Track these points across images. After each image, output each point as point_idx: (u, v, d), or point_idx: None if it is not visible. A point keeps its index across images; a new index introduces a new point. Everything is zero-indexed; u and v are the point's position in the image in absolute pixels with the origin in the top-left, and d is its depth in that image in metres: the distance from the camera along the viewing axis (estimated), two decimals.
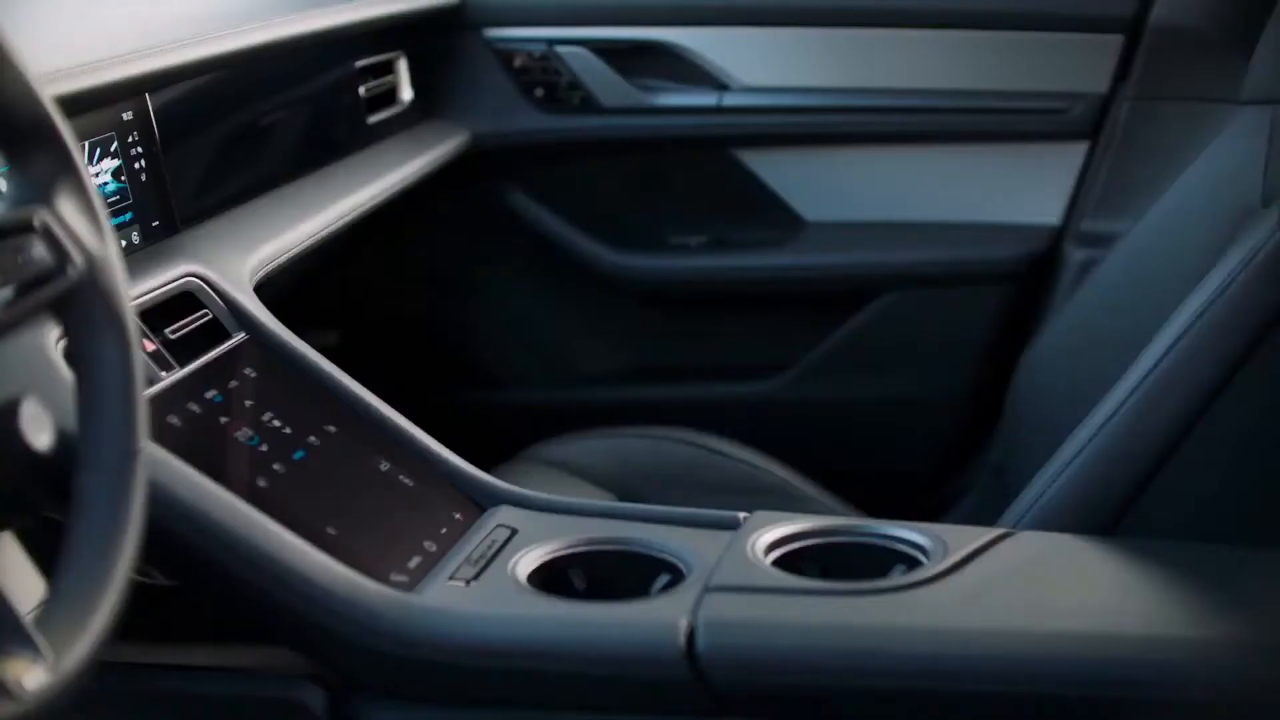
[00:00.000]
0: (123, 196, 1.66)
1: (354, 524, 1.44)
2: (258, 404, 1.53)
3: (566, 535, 1.47)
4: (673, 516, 1.51)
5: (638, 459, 2.24)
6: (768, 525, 1.46)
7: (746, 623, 1.31)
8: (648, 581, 1.42)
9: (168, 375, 1.49)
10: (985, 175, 2.56)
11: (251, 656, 1.48)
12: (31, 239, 1.05)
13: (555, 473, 2.19)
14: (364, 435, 1.57)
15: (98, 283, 1.10)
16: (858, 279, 2.60)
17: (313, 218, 1.97)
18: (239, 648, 1.51)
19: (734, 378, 2.67)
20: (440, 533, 1.50)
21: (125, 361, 1.12)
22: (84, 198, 1.11)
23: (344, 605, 1.33)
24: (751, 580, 1.36)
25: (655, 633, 1.30)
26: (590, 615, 1.34)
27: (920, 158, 2.57)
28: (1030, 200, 2.53)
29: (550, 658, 1.32)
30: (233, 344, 1.60)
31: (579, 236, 2.68)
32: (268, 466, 1.46)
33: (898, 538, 1.44)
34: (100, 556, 1.07)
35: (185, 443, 1.42)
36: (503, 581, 1.40)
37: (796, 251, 2.61)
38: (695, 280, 2.67)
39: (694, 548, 1.44)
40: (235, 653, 1.51)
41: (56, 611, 1.03)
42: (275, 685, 1.41)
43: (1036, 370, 2.12)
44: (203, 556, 1.33)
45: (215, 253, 1.71)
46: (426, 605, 1.36)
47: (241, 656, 1.49)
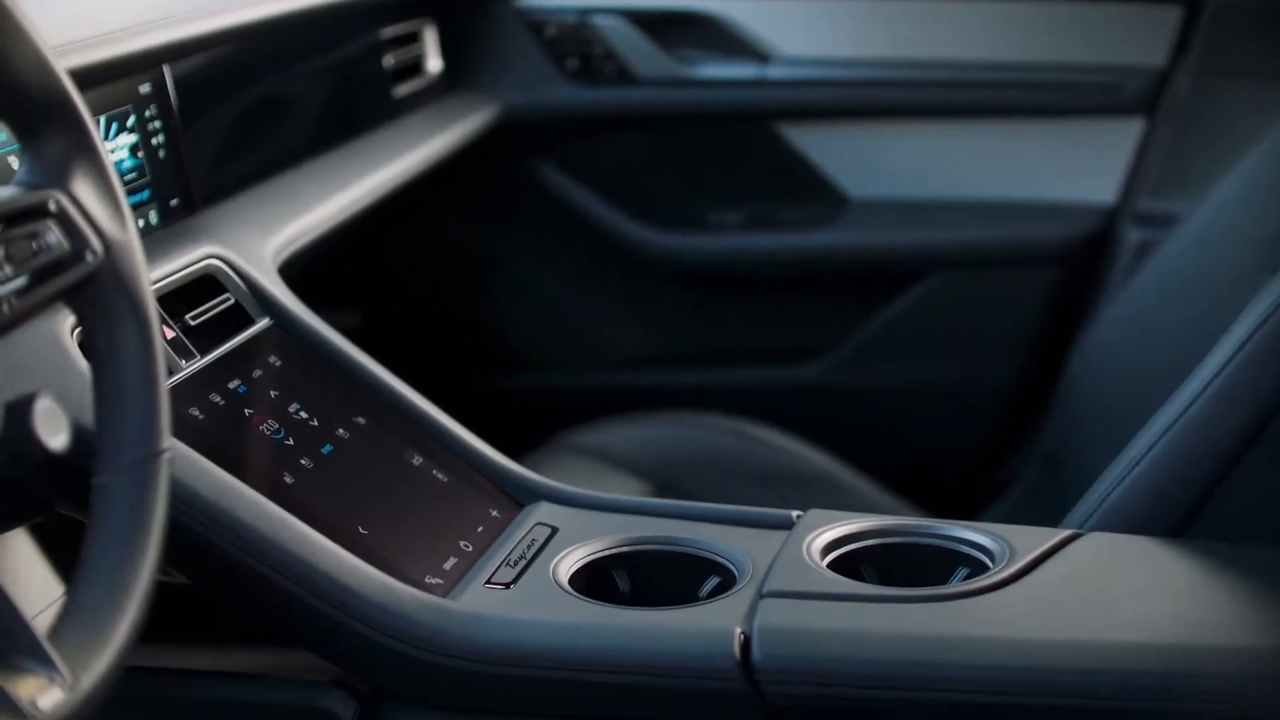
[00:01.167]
0: (139, 174, 1.61)
1: (386, 523, 1.40)
2: (283, 394, 1.48)
3: (610, 534, 1.43)
4: (722, 515, 1.46)
5: (673, 446, 2.21)
6: (823, 525, 1.42)
7: (804, 632, 1.26)
8: (696, 583, 1.39)
9: (188, 364, 1.45)
10: (1037, 152, 2.52)
11: (274, 661, 1.44)
12: (46, 224, 1.02)
13: (587, 461, 2.16)
14: (395, 427, 1.53)
15: (117, 270, 1.06)
16: (902, 260, 2.57)
17: (338, 195, 1.92)
18: (261, 652, 1.48)
19: (772, 362, 2.63)
20: (476, 532, 1.45)
21: (147, 355, 1.08)
22: (102, 179, 1.07)
23: (377, 611, 1.29)
24: (808, 585, 1.32)
25: (708, 641, 1.25)
26: (637, 622, 1.30)
27: (969, 133, 2.54)
28: (1083, 178, 2.49)
29: (595, 667, 1.27)
30: (256, 330, 1.56)
31: (613, 214, 2.64)
32: (294, 462, 1.41)
33: (961, 539, 1.39)
34: (121, 565, 1.03)
35: (207, 436, 1.37)
36: (543, 584, 1.36)
37: (839, 231, 2.58)
38: (733, 260, 2.63)
39: (745, 548, 1.39)
40: (257, 657, 1.48)
41: (74, 625, 1.00)
42: (300, 692, 1.37)
43: (1093, 358, 2.08)
44: (225, 558, 1.29)
45: (237, 233, 1.67)
46: (463, 611, 1.32)
47: (264, 661, 1.46)
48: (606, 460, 2.15)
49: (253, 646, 1.54)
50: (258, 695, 1.39)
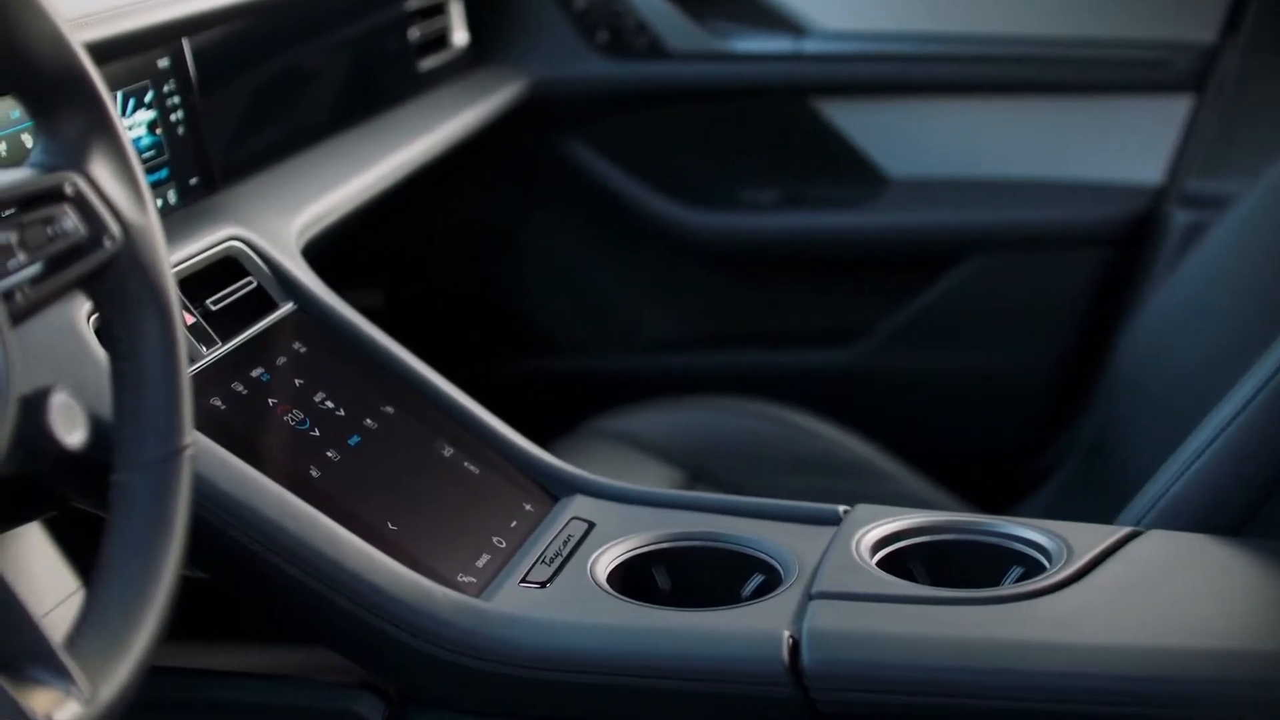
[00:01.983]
0: (158, 151, 1.58)
1: (416, 519, 1.36)
2: (308, 383, 1.44)
3: (649, 530, 1.40)
4: (765, 509, 1.42)
5: (707, 432, 2.18)
6: (872, 522, 1.38)
7: (856, 635, 1.22)
8: (738, 582, 1.35)
9: (209, 351, 1.41)
10: (1081, 130, 2.47)
11: (296, 660, 1.41)
12: (62, 208, 0.97)
13: (618, 447, 2.13)
14: (424, 417, 1.49)
15: (136, 257, 1.02)
16: (943, 241, 2.51)
17: (362, 174, 1.88)
18: (282, 650, 1.46)
19: (808, 345, 2.59)
20: (510, 527, 1.41)
21: (168, 346, 1.04)
22: (121, 160, 1.02)
23: (407, 612, 1.25)
24: (858, 585, 1.28)
25: (755, 644, 1.22)
26: (681, 624, 1.26)
27: (1011, 110, 2.49)
28: (1129, 158, 2.44)
29: (636, 672, 1.24)
30: (280, 315, 1.51)
31: (644, 192, 2.59)
32: (320, 454, 1.37)
33: (1016, 537, 1.36)
34: (141, 569, 0.99)
35: (229, 427, 1.33)
36: (581, 583, 1.32)
37: (877, 210, 2.53)
38: (768, 240, 2.58)
39: (790, 545, 1.36)
40: (278, 655, 1.47)
41: (92, 632, 0.96)
42: (326, 694, 1.34)
43: (1139, 345, 2.04)
44: (248, 555, 1.25)
45: (259, 213, 1.63)
46: (498, 612, 1.28)
47: (285, 660, 1.43)
48: (637, 447, 2.12)
49: (273, 644, 1.52)
50: (281, 697, 1.36)
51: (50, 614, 1.52)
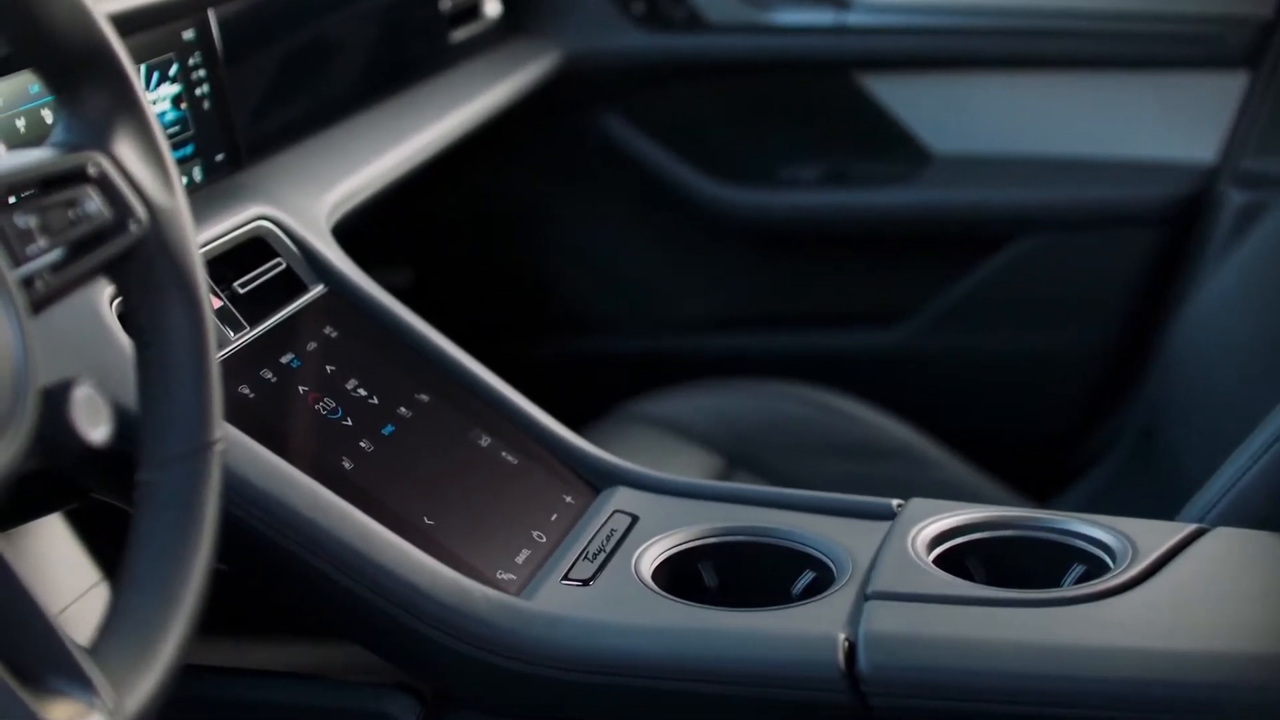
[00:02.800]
0: (182, 127, 1.54)
1: (453, 512, 1.33)
2: (340, 369, 1.41)
3: (695, 524, 1.37)
4: (816, 503, 1.39)
5: (745, 416, 2.15)
6: (928, 517, 1.35)
7: (914, 639, 1.19)
8: (788, 579, 1.32)
9: (237, 337, 1.37)
10: (1133, 106, 2.41)
11: (326, 657, 1.40)
12: (85, 189, 0.94)
13: (653, 432, 2.09)
14: (460, 404, 1.45)
15: (164, 241, 0.99)
16: (989, 220, 2.46)
17: (394, 150, 1.84)
18: (311, 647, 1.45)
19: (849, 327, 2.54)
20: (550, 520, 1.38)
21: (196, 335, 1.00)
22: (147, 138, 0.99)
23: (445, 611, 1.22)
24: (915, 585, 1.24)
25: (809, 648, 1.19)
26: (731, 625, 1.22)
27: (1061, 85, 2.44)
28: (1182, 135, 2.38)
29: (685, 675, 1.20)
30: (310, 298, 1.48)
31: (681, 168, 2.54)
32: (353, 444, 1.34)
33: (1078, 534, 1.32)
34: (168, 572, 0.96)
35: (258, 416, 1.30)
36: (625, 581, 1.29)
37: (922, 188, 2.47)
38: (808, 218, 2.53)
39: (842, 541, 1.32)
40: (307, 652, 1.45)
41: (117, 640, 0.92)
42: (358, 695, 1.31)
43: (1194, 329, 2.01)
44: (278, 552, 1.22)
45: (287, 192, 1.59)
46: (539, 611, 1.24)
47: (315, 657, 1.42)
48: (673, 432, 2.09)
49: (299, 640, 1.51)
50: (311, 697, 1.33)
51: (70, 608, 1.50)
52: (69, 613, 1.51)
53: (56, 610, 1.48)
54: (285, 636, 1.54)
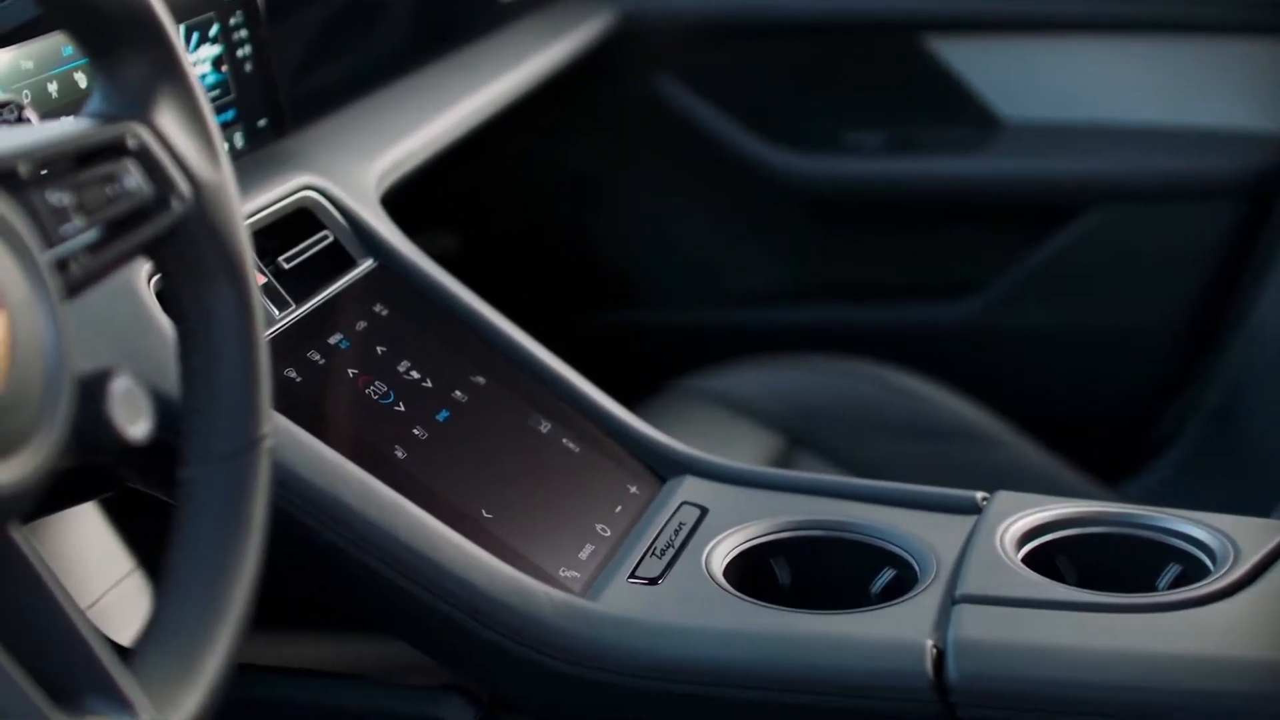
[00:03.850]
0: (223, 91, 1.49)
1: (512, 505, 1.28)
2: (391, 350, 1.35)
3: (767, 517, 1.32)
4: (895, 495, 1.35)
5: (806, 394, 2.11)
6: (1016, 512, 1.30)
7: (1007, 647, 1.14)
8: (866, 577, 1.28)
9: (282, 315, 1.32)
10: (1215, 73, 2.36)
11: (373, 656, 1.39)
12: (124, 163, 0.89)
13: (711, 410, 2.05)
14: (519, 388, 1.40)
15: (209, 219, 0.93)
16: (1061, 190, 2.42)
17: (444, 114, 1.80)
18: (357, 645, 1.43)
19: (913, 301, 2.49)
20: (614, 512, 1.33)
21: (244, 320, 0.95)
22: (190, 107, 0.94)
23: (505, 613, 1.17)
24: (1006, 588, 1.20)
25: (895, 655, 1.14)
26: (809, 629, 1.18)
27: (1139, 50, 2.38)
28: (1266, 104, 2.33)
29: (763, 684, 1.16)
30: (359, 273, 1.43)
31: (740, 133, 2.49)
32: (406, 432, 1.28)
33: (1176, 532, 1.28)
34: (214, 579, 0.91)
35: (304, 401, 1.25)
36: (696, 579, 1.24)
37: (991, 156, 2.42)
38: (872, 186, 2.48)
39: (924, 537, 1.28)
40: (353, 649, 1.44)
41: (157, 654, 0.87)
42: (409, 697, 1.27)
43: (1278, 304, 1.97)
44: (326, 547, 1.17)
45: (334, 160, 1.54)
46: (607, 614, 1.20)
47: (361, 656, 1.40)
48: (732, 409, 2.05)
49: (342, 635, 1.48)
50: (361, 699, 1.29)
51: (103, 599, 1.45)
52: (101, 604, 1.48)
53: (88, 601, 1.44)
54: (326, 631, 1.49)
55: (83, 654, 0.80)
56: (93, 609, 1.47)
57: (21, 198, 0.80)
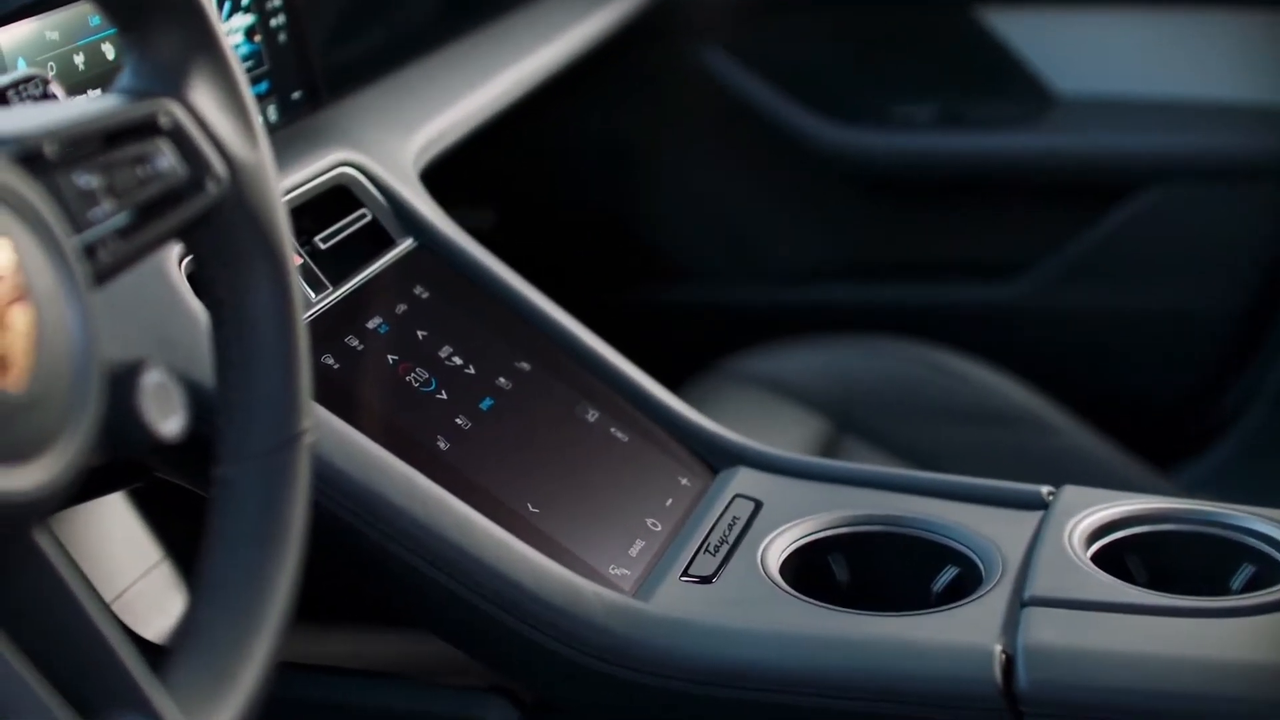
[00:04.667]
0: (257, 62, 1.47)
1: (559, 498, 1.24)
2: (432, 335, 1.31)
3: (824, 511, 1.28)
4: (956, 488, 1.31)
5: (854, 376, 2.08)
6: (1084, 508, 1.26)
7: (1079, 653, 1.10)
8: (927, 575, 1.24)
9: (319, 298, 1.28)
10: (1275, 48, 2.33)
11: (410, 652, 1.36)
12: (156, 143, 0.84)
13: (755, 392, 2.02)
14: (565, 374, 1.36)
15: (246, 202, 0.89)
16: (1117, 168, 2.37)
17: (484, 86, 1.75)
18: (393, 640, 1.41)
19: (963, 279, 2.45)
20: (665, 506, 1.29)
21: (283, 309, 0.91)
22: (227, 83, 0.89)
23: (553, 614, 1.13)
24: (1077, 590, 1.16)
25: (962, 661, 1.10)
26: (872, 632, 1.14)
27: (1199, 22, 2.34)
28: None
29: (822, 689, 1.12)
30: (398, 253, 1.38)
31: (787, 106, 2.45)
32: (448, 421, 1.24)
33: (1252, 531, 1.24)
34: (250, 584, 0.86)
35: (342, 390, 1.20)
36: (751, 577, 1.20)
37: (1044, 131, 2.39)
38: (922, 161, 2.46)
39: (989, 533, 1.24)
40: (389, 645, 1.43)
41: (191, 666, 0.82)
42: (450, 698, 1.23)
43: None
44: (365, 543, 1.13)
45: (371, 133, 1.50)
46: (660, 615, 1.15)
47: (397, 653, 1.40)
48: (776, 391, 2.02)
49: (376, 630, 1.46)
50: (400, 699, 1.25)
51: (129, 590, 1.42)
52: (128, 596, 1.43)
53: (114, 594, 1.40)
54: (357, 626, 1.47)
55: (111, 665, 0.76)
56: (119, 601, 1.44)
57: (47, 180, 0.75)
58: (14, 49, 1.16)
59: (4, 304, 0.69)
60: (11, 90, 0.97)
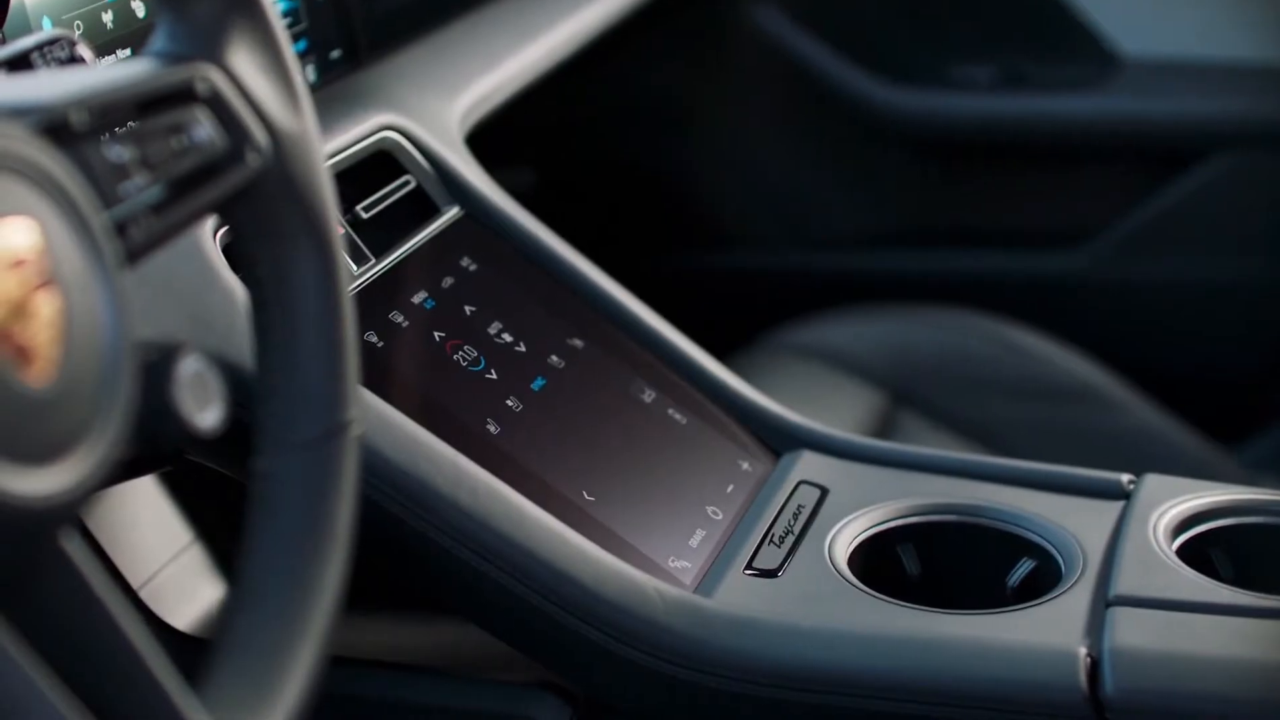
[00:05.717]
0: (294, 19, 1.42)
1: (616, 485, 1.19)
2: (480, 310, 1.25)
3: (893, 499, 1.24)
4: (1032, 475, 1.27)
5: (912, 348, 2.03)
6: (1168, 499, 1.22)
7: (1168, 657, 1.06)
8: (1003, 568, 1.20)
9: (361, 271, 1.22)
10: None
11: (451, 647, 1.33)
12: (193, 111, 0.78)
13: (807, 363, 1.98)
14: (620, 352, 1.31)
15: (289, 175, 0.83)
16: (1184, 134, 2.33)
17: (531, 44, 1.69)
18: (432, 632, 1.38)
19: (1023, 248, 2.41)
20: (725, 493, 1.24)
21: (328, 290, 0.85)
22: (269, 45, 0.84)
23: (612, 611, 1.08)
24: (1164, 588, 1.11)
25: (1045, 665, 1.05)
26: (949, 632, 1.09)
27: None
28: None
29: (898, 693, 1.07)
30: (444, 222, 1.33)
31: (840, 65, 2.41)
32: (498, 403, 1.18)
33: None
34: (295, 588, 0.81)
35: (386, 369, 1.15)
36: (818, 571, 1.16)
37: (1110, 95, 2.34)
38: (981, 124, 2.40)
39: (1067, 525, 1.20)
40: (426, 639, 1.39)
41: (230, 681, 0.77)
42: (499, 695, 1.17)
43: None
44: (410, 533, 1.08)
45: (414, 95, 1.45)
46: (725, 613, 1.10)
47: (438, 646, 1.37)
48: (829, 362, 1.98)
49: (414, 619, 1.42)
50: (444, 695, 1.19)
51: (158, 576, 1.39)
52: (157, 581, 1.40)
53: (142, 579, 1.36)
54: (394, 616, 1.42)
55: (144, 680, 0.71)
56: (147, 588, 1.39)
57: (74, 153, 0.70)
58: (38, 6, 1.11)
59: (29, 290, 0.64)
60: (36, 53, 0.92)
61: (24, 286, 0.64)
